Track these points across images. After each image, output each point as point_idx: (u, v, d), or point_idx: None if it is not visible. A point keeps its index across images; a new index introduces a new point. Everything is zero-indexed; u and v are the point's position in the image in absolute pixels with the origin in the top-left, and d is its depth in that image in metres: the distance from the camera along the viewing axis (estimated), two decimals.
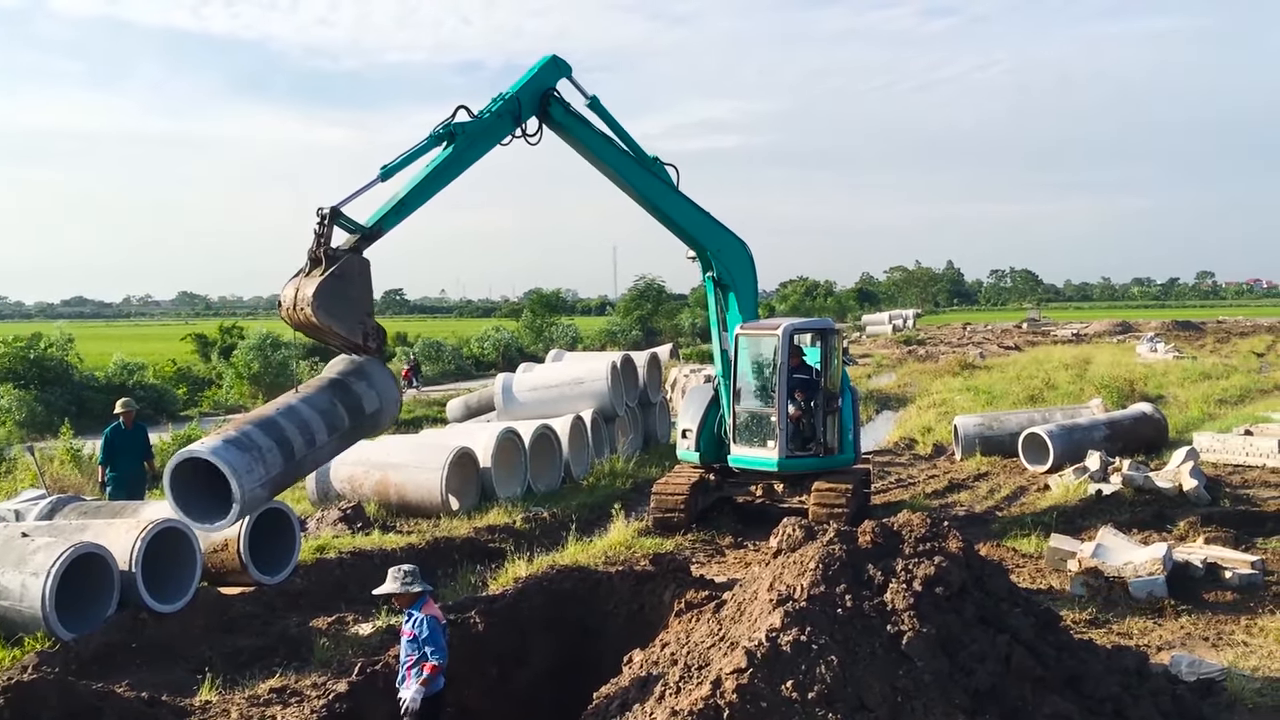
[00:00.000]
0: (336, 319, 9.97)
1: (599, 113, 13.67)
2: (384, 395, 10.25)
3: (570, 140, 13.52)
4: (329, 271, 9.95)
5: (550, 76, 13.16)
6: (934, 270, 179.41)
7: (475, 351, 50.87)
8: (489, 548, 13.66)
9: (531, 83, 12.93)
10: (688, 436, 15.18)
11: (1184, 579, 10.86)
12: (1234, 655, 8.94)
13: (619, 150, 13.88)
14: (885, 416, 30.33)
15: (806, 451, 14.51)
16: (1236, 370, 37.39)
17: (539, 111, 12.99)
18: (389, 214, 11.10)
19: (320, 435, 9.45)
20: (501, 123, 12.48)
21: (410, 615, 7.13)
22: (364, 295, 10.45)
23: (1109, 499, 15.27)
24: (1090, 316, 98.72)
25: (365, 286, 10.46)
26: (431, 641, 7.00)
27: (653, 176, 14.19)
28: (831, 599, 6.51)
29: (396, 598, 7.25)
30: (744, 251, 14.89)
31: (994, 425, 20.59)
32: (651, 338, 59.61)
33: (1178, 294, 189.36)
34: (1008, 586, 7.34)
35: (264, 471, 8.75)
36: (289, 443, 9.00)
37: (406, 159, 11.39)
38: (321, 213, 10.23)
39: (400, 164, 11.33)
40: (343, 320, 10.06)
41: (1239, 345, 53.47)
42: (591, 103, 13.59)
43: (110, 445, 13.92)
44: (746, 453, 14.62)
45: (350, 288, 10.25)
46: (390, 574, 7.24)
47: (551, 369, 22.79)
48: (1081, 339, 62.85)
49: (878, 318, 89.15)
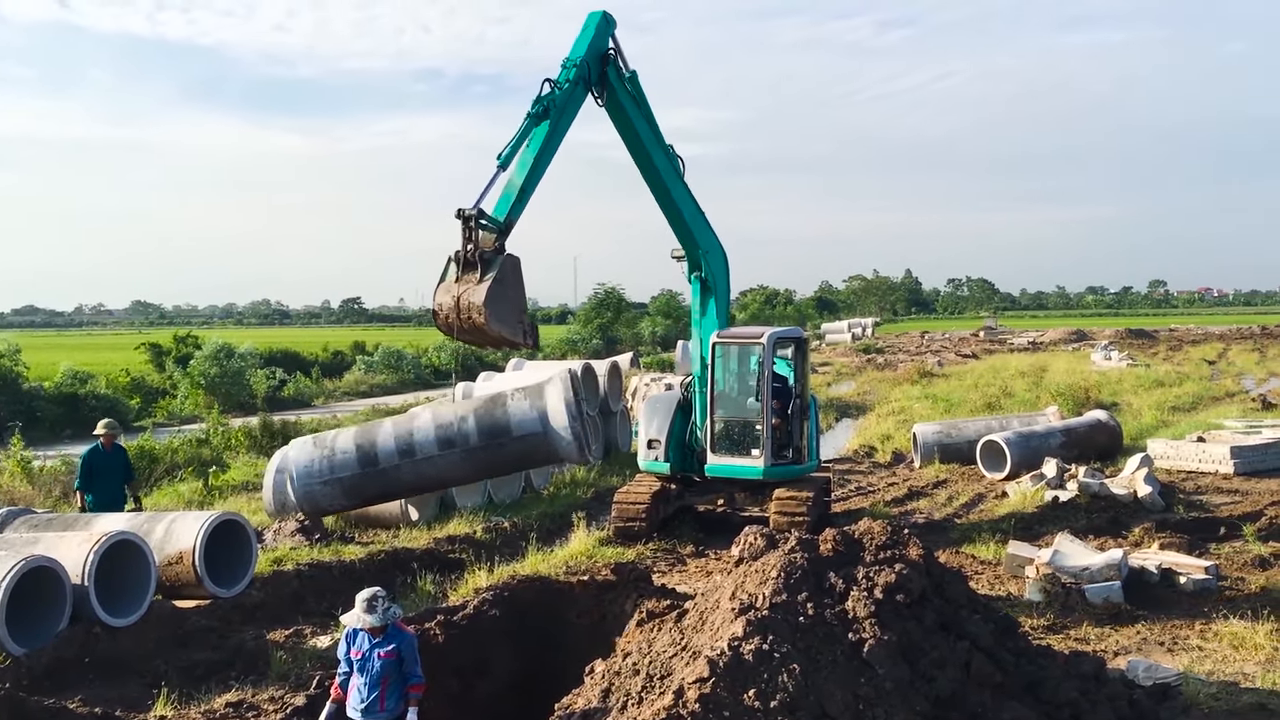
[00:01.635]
0: (504, 324, 10.27)
1: (636, 90, 13.70)
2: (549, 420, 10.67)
3: (615, 108, 13.45)
4: (493, 276, 10.12)
5: (604, 38, 13.20)
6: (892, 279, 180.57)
7: (435, 361, 50.56)
8: (449, 558, 13.56)
9: (592, 44, 12.94)
10: (655, 447, 14.95)
11: (1139, 584, 11.00)
12: (1189, 660, 9.06)
13: (653, 128, 13.95)
14: (845, 424, 30.49)
15: (784, 459, 14.58)
16: (1189, 378, 38.00)
17: (599, 74, 13.05)
18: (514, 204, 11.33)
19: (425, 449, 9.52)
20: (578, 91, 12.65)
21: (369, 637, 6.74)
22: (519, 294, 10.85)
23: (1065, 505, 15.44)
24: (1046, 325, 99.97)
25: (519, 285, 10.88)
26: (417, 663, 6.78)
27: (671, 162, 14.33)
28: (793, 607, 6.52)
29: (372, 629, 6.72)
30: (725, 257, 14.99)
31: (952, 433, 20.77)
32: (612, 346, 59.63)
33: (1131, 303, 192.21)
34: (967, 593, 7.39)
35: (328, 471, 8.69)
36: (370, 449, 8.97)
37: (515, 143, 11.66)
38: (464, 214, 10.47)
39: (511, 150, 11.60)
40: (507, 323, 10.36)
41: (1191, 353, 54.33)
42: (631, 77, 13.60)
43: (89, 468, 13.02)
44: (726, 461, 14.58)
45: (508, 289, 10.61)
46: (364, 602, 6.70)
47: (511, 378, 22.71)
48: (1038, 347, 63.60)
49: (837, 326, 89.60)
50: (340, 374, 46.34)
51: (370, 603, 6.70)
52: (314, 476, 14.96)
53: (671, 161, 14.30)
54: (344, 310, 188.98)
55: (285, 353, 47.76)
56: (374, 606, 6.69)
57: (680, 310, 77.73)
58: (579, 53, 12.71)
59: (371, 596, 6.74)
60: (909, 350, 63.52)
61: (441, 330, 10.77)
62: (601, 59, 13.00)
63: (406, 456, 14.74)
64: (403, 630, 6.90)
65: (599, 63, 12.95)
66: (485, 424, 14.94)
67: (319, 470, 14.97)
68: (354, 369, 47.29)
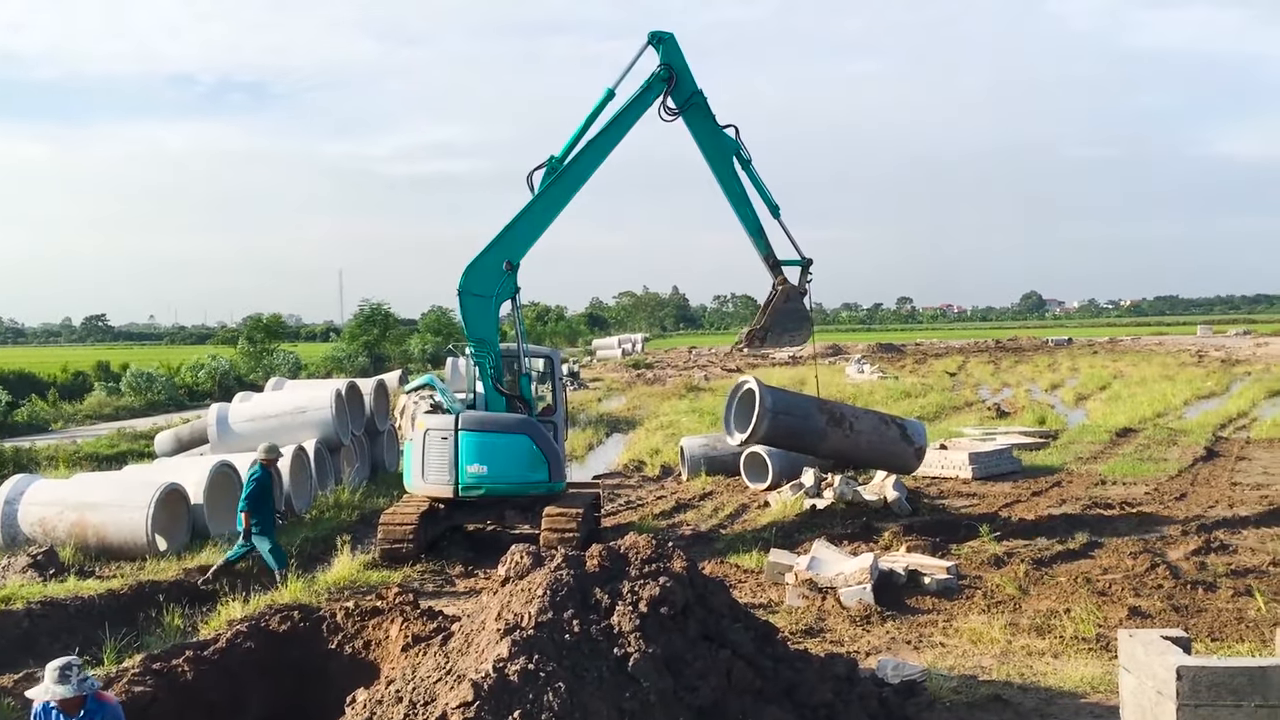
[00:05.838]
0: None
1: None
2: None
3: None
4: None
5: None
6: (661, 295, 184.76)
7: (188, 380, 47.79)
8: (201, 590, 12.83)
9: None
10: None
11: (889, 586, 11.59)
12: (933, 656, 9.61)
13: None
14: (615, 439, 30.83)
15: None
16: (933, 389, 40.62)
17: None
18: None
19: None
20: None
21: (62, 715, 6.00)
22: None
23: (823, 513, 16.14)
24: None
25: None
26: None
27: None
28: (559, 625, 6.49)
29: (66, 702, 5.94)
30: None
31: (717, 446, 21.28)
32: (380, 364, 58.06)
33: (881, 318, 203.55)
34: (729, 603, 7.58)
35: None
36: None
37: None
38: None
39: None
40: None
41: (934, 366, 58.10)
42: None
43: (261, 489, 13.22)
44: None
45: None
46: (55, 671, 5.94)
47: (271, 397, 21.76)
48: (797, 361, 66.33)
49: (607, 342, 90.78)
50: (82, 396, 43.18)
51: (63, 671, 5.94)
52: None
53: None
54: (87, 328, 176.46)
55: (18, 374, 44.08)
56: (67, 676, 5.93)
57: (452, 327, 76.80)
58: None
59: (64, 665, 5.98)
60: (677, 365, 65.02)
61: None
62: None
63: None
64: (104, 702, 6.16)
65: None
66: None
67: None
68: (96, 391, 44.12)
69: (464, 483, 14.25)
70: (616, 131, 15.15)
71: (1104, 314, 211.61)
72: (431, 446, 14.38)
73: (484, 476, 14.25)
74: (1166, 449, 23.09)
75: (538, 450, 14.50)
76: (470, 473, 14.25)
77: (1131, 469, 20.38)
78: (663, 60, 15.25)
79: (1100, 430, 26.43)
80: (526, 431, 14.57)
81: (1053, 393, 40.95)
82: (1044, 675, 8.99)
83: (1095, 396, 37.72)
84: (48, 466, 23.07)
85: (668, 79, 15.16)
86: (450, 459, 14.24)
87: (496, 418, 14.65)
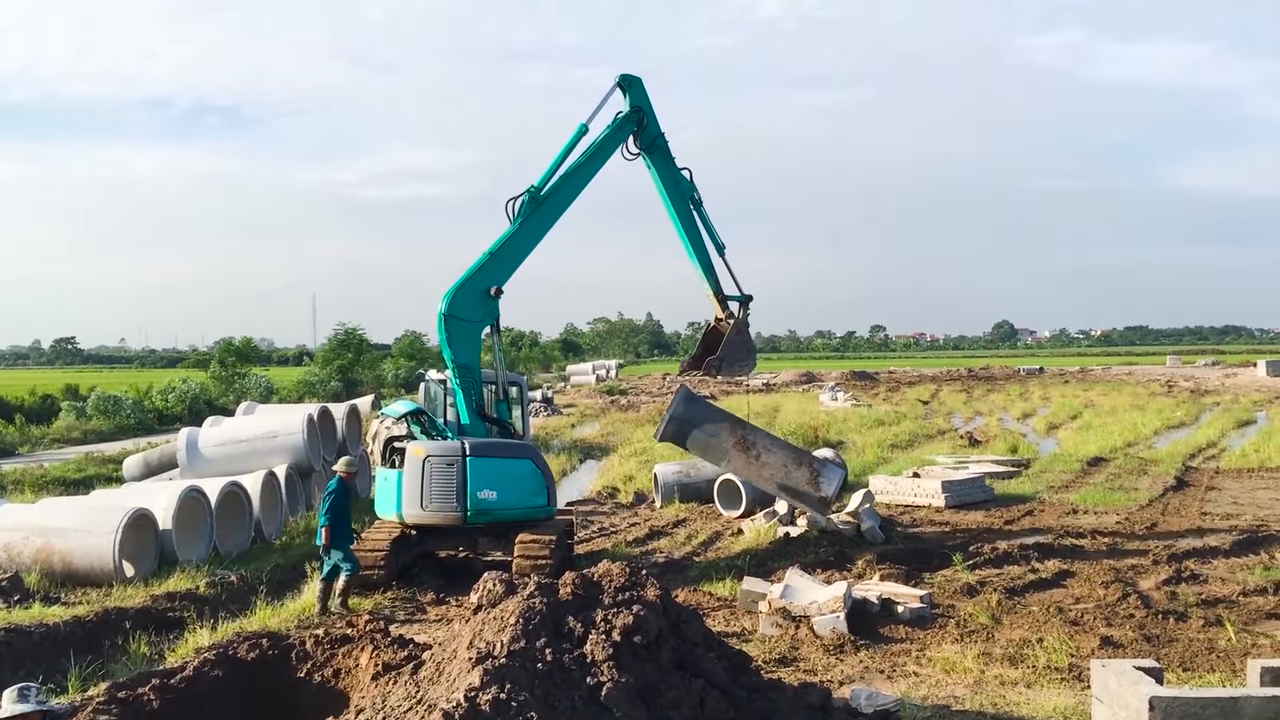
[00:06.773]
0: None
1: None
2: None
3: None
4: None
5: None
6: (636, 322, 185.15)
7: (158, 404, 47.36)
8: (168, 616, 12.65)
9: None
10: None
11: (862, 615, 11.58)
12: (907, 685, 9.59)
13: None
14: (589, 466, 30.73)
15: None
16: (906, 417, 40.77)
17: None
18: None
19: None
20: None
21: None
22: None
23: (796, 540, 16.12)
24: (779, 367, 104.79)
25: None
26: None
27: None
28: (532, 654, 6.44)
29: (26, 717, 6.00)
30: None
31: (691, 472, 21.27)
32: (353, 389, 57.74)
33: (854, 346, 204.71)
34: (703, 631, 7.54)
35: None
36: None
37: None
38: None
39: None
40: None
41: (908, 394, 58.35)
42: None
43: (342, 502, 13.27)
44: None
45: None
46: (13, 693, 6.03)
47: (242, 422, 21.59)
48: (771, 388, 66.53)
49: (582, 368, 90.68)
50: (49, 420, 42.68)
51: (22, 691, 6.02)
52: None
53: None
54: (56, 351, 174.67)
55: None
56: (26, 695, 6.01)
57: (425, 351, 76.47)
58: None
59: (23, 686, 6.09)
60: (651, 392, 65.02)
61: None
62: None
63: None
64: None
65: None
66: None
67: None
68: (64, 414, 43.63)
69: (473, 509, 14.13)
70: (592, 166, 15.67)
71: (1075, 344, 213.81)
72: (434, 473, 14.16)
73: (493, 502, 14.19)
74: (1137, 478, 23.24)
75: (540, 474, 14.73)
76: (481, 498, 14.13)
77: (1103, 498, 20.48)
78: (632, 104, 15.95)
79: (1071, 459, 26.57)
80: (529, 456, 14.81)
81: (1024, 421, 41.20)
82: (1017, 705, 8.99)
83: (1066, 426, 37.94)
84: (14, 491, 22.77)
85: (638, 121, 15.91)
86: (458, 485, 14.09)
87: (502, 443, 14.79)
